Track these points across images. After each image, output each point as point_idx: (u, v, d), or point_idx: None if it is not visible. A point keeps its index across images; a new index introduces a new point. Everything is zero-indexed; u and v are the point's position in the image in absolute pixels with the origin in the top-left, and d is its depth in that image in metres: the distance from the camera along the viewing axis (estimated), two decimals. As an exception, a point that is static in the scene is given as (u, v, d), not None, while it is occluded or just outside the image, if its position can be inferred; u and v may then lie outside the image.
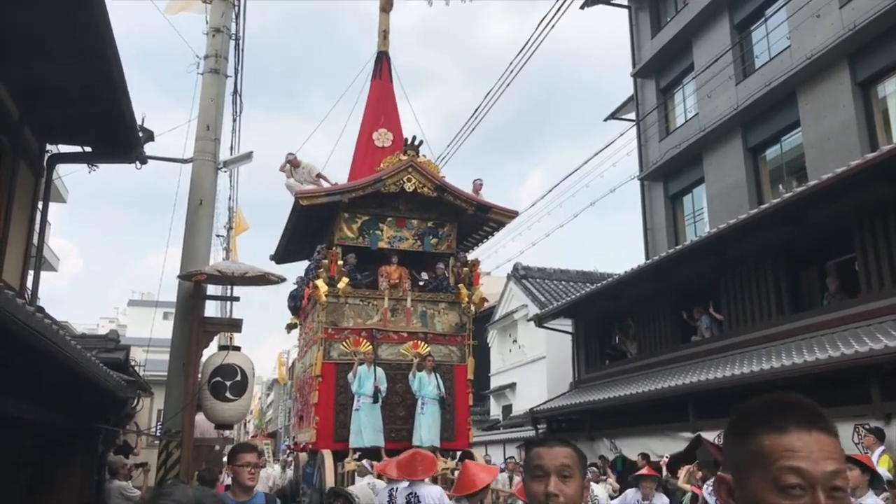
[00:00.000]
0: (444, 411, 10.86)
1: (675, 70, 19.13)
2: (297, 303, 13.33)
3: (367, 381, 10.45)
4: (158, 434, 11.52)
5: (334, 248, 11.42)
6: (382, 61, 13.86)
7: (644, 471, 8.99)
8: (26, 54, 5.90)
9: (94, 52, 5.68)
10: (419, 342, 11.38)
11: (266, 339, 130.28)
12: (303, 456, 12.71)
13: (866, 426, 8.38)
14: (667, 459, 10.58)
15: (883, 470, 7.18)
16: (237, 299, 8.94)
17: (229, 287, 8.94)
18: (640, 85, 20.49)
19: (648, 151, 19.69)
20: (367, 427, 10.35)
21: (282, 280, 8.30)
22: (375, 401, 10.40)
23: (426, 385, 10.74)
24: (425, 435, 10.43)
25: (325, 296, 10.91)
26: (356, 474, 9.48)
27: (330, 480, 9.60)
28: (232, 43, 9.45)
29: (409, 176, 11.47)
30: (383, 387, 10.55)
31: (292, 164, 12.51)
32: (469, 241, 13.36)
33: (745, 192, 15.74)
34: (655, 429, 12.58)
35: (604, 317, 17.16)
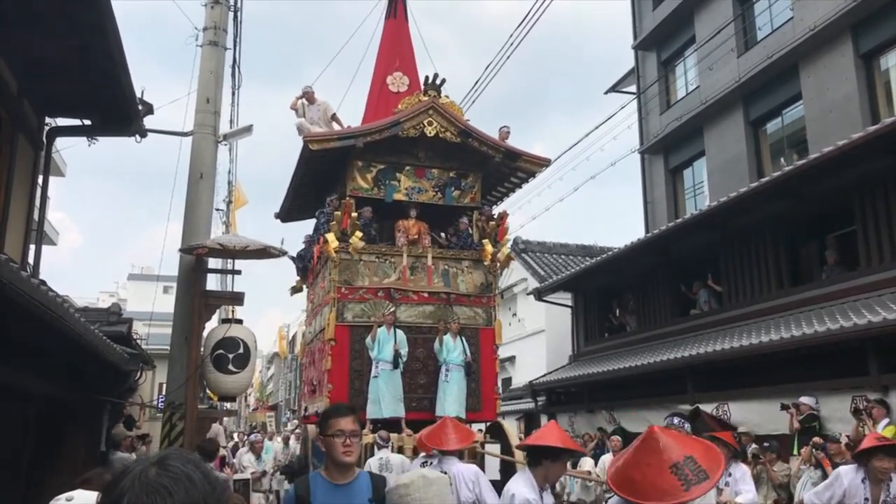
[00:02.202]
0: (469, 379, 9.99)
1: (676, 42, 18.99)
2: (306, 263, 12.33)
3: (386, 344, 9.56)
4: (160, 407, 11.62)
5: (347, 199, 10.37)
6: None
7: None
8: (25, 27, 5.85)
9: (92, 25, 5.64)
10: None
11: (266, 314, 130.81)
12: (312, 428, 11.68)
13: (866, 398, 8.46)
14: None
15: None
16: (238, 272, 9.00)
17: (230, 261, 8.98)
18: (641, 57, 20.35)
19: (649, 125, 19.61)
20: (386, 396, 9.44)
21: (283, 253, 8.34)
22: (396, 366, 9.54)
23: (452, 350, 9.82)
24: (450, 405, 9.53)
25: (336, 251, 9.94)
26: (375, 447, 8.72)
27: None
28: (231, 14, 9.37)
29: (430, 119, 10.35)
30: (404, 351, 9.68)
31: (308, 98, 11.25)
32: (494, 196, 12.36)
33: (745, 166, 15.71)
34: (654, 401, 12.67)
35: (603, 290, 17.21)
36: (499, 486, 5.51)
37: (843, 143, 9.45)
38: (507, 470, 8.41)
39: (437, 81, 10.63)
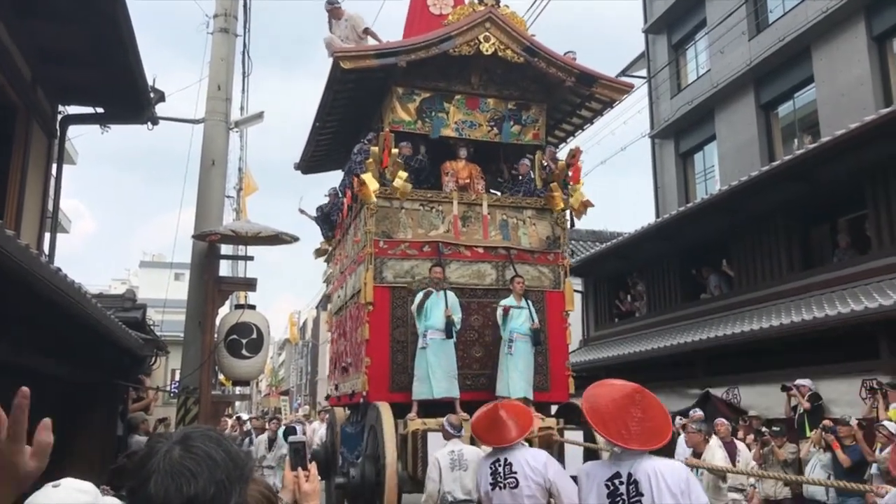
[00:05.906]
0: (537, 351, 8.16)
1: (687, 25, 18.86)
2: (333, 217, 10.62)
3: (435, 309, 7.81)
4: (174, 392, 11.76)
5: (386, 131, 8.68)
6: None
7: None
8: (37, 15, 5.91)
9: (104, 13, 5.68)
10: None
11: (277, 300, 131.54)
12: (339, 412, 10.30)
13: (877, 381, 8.49)
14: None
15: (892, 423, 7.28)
16: (251, 258, 9.09)
17: (243, 247, 9.06)
18: (651, 41, 20.23)
19: (660, 109, 19.53)
20: (437, 372, 7.65)
21: (295, 239, 8.37)
22: (449, 335, 7.77)
23: (516, 316, 8.02)
24: (516, 383, 7.78)
25: (375, 194, 8.23)
26: (441, 436, 6.71)
27: (391, 444, 7.07)
28: (241, 1, 9.39)
29: (488, 33, 8.42)
30: (457, 316, 7.86)
31: (333, 14, 9.57)
32: (558, 135, 10.26)
33: (756, 150, 15.64)
34: (664, 385, 12.69)
35: (613, 275, 17.22)
36: None
37: (856, 126, 9.41)
38: (591, 459, 6.22)
39: None
